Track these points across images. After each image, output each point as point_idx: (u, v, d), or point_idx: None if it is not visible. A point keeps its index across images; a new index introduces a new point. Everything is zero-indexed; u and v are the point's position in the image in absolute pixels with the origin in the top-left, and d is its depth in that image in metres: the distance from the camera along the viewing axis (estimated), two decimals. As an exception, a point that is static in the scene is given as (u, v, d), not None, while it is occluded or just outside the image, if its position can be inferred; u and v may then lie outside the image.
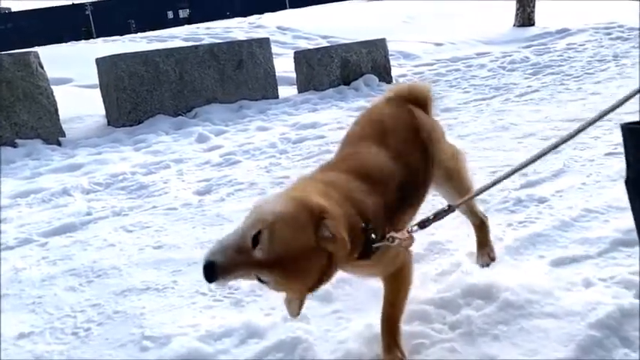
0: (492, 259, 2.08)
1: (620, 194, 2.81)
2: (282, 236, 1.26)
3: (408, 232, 1.49)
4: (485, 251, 2.08)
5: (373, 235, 1.42)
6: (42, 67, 6.34)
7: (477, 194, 1.73)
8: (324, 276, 1.33)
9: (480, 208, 2.10)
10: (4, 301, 2.44)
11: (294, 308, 1.49)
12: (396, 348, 1.64)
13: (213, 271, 1.25)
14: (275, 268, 1.25)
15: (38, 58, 6.32)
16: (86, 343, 2.03)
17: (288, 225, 1.27)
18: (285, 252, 1.25)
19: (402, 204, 1.60)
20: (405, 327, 1.73)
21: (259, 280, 1.30)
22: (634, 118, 1.30)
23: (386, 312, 1.68)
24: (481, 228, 2.12)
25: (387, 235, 1.45)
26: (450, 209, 1.59)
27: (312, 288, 1.35)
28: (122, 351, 1.94)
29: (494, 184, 1.61)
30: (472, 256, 2.29)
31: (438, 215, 1.57)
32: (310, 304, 1.97)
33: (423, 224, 1.55)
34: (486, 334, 1.76)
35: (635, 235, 2.34)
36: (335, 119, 5.92)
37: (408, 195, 1.64)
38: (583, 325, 1.72)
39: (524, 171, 3.37)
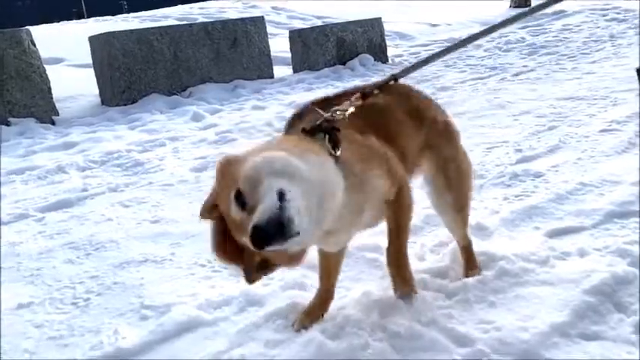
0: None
1: (615, 169, 2.85)
2: None
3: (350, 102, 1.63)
4: (474, 272, 1.94)
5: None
6: (34, 45, 6.25)
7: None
8: None
9: (468, 231, 2.00)
10: (2, 274, 2.45)
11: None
12: (407, 280, 1.70)
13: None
14: None
15: (30, 35, 6.22)
16: (86, 312, 2.04)
17: None
18: None
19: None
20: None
21: None
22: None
23: (390, 244, 1.68)
24: (467, 250, 2.00)
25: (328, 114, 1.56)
26: (393, 77, 1.79)
27: None
28: (122, 319, 1.95)
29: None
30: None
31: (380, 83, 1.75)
32: (308, 273, 1.99)
33: (365, 94, 1.70)
34: (483, 301, 1.79)
35: (628, 207, 2.38)
36: (331, 98, 5.89)
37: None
38: (578, 291, 1.75)
39: (520, 147, 3.44)
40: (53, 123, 6.09)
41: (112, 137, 5.05)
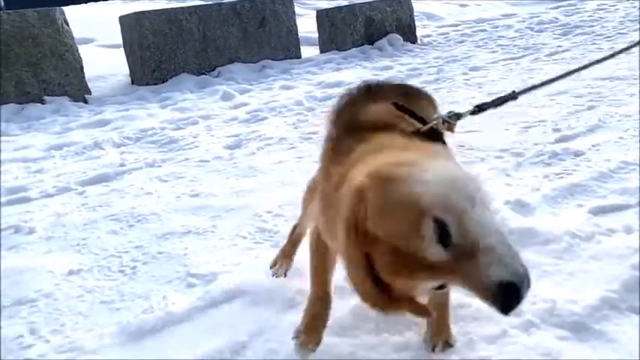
0: None
1: (660, 148, 2.79)
2: None
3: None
4: None
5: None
6: (67, 24, 6.34)
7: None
8: None
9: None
10: (51, 242, 2.53)
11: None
12: (446, 331, 1.51)
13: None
14: None
15: (64, 14, 6.31)
16: (134, 279, 2.10)
17: None
18: None
19: None
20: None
21: None
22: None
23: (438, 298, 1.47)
24: None
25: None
26: (512, 95, 1.50)
27: None
28: (169, 286, 2.01)
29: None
30: (509, 204, 2.30)
31: (498, 101, 1.49)
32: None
33: (481, 107, 1.46)
34: (528, 275, 1.78)
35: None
36: (360, 78, 5.84)
37: None
38: (626, 266, 1.73)
39: (558, 126, 3.39)
40: (86, 101, 6.20)
41: (144, 115, 5.12)
